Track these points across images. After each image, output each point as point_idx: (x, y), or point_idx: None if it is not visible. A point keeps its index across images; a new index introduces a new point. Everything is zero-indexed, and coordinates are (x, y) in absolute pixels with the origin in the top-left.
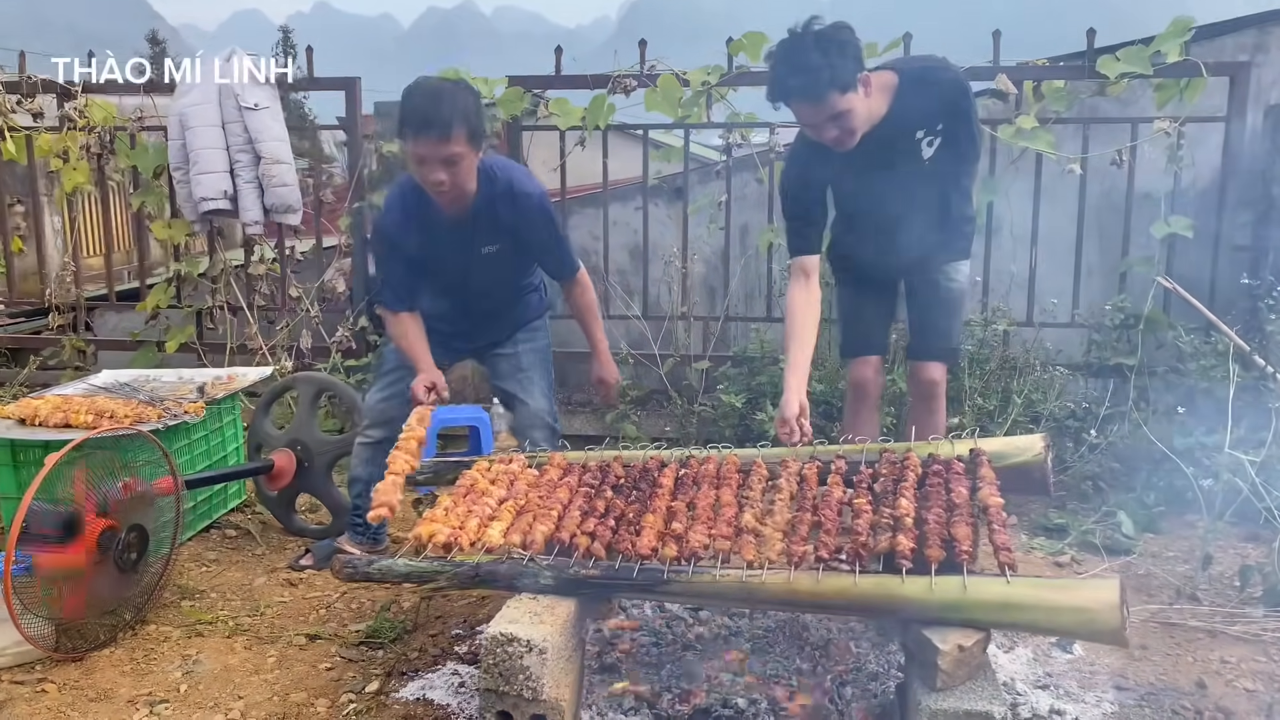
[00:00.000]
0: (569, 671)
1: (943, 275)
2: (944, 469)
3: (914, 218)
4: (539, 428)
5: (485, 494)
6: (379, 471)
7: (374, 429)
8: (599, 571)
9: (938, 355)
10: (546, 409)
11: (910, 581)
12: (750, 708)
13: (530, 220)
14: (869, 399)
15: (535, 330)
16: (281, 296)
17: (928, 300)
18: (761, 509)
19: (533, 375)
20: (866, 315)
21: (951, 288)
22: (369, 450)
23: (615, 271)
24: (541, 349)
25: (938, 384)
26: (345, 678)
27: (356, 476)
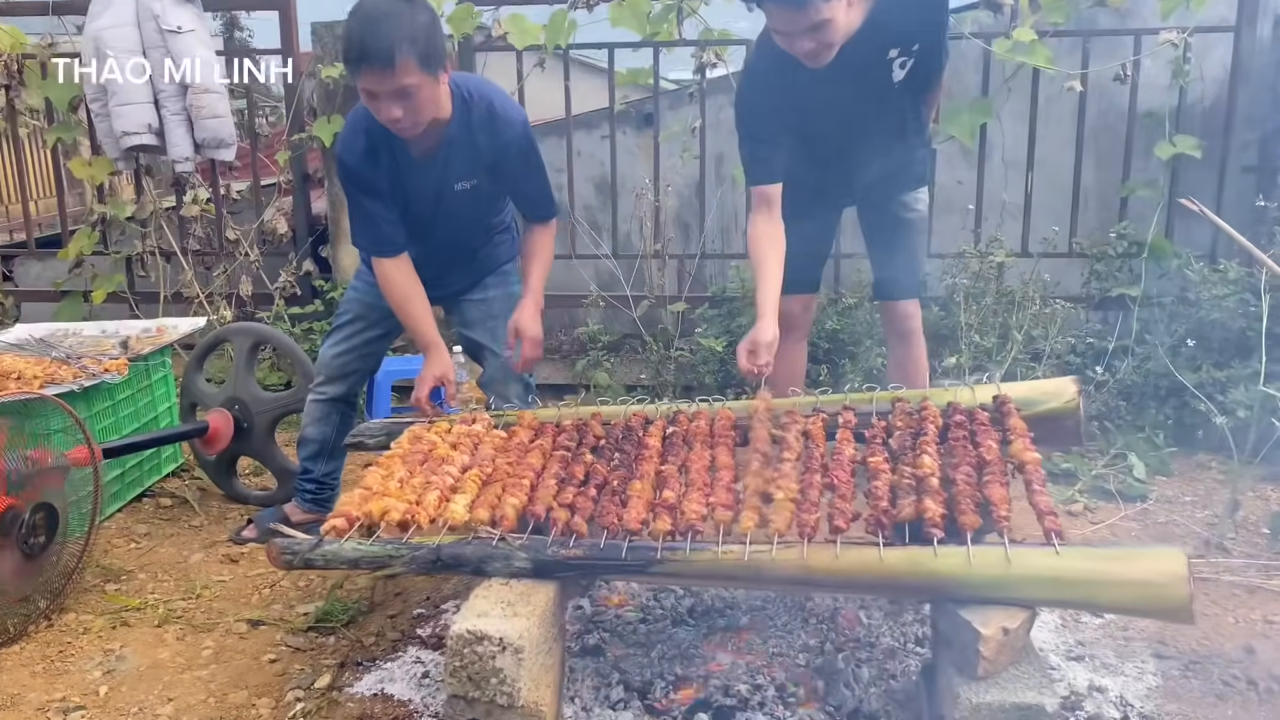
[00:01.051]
0: (549, 669)
1: (901, 206)
2: (967, 419)
3: (874, 143)
4: (513, 382)
5: (446, 461)
6: (332, 432)
7: (329, 385)
8: (581, 551)
9: (907, 291)
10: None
11: (944, 554)
12: (755, 695)
13: (512, 151)
14: (794, 333)
15: (507, 275)
16: (218, 240)
17: (888, 235)
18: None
19: (505, 323)
20: (804, 249)
21: (911, 219)
22: (322, 408)
23: (581, 208)
24: (514, 295)
25: (912, 320)
26: (292, 671)
27: (307, 437)
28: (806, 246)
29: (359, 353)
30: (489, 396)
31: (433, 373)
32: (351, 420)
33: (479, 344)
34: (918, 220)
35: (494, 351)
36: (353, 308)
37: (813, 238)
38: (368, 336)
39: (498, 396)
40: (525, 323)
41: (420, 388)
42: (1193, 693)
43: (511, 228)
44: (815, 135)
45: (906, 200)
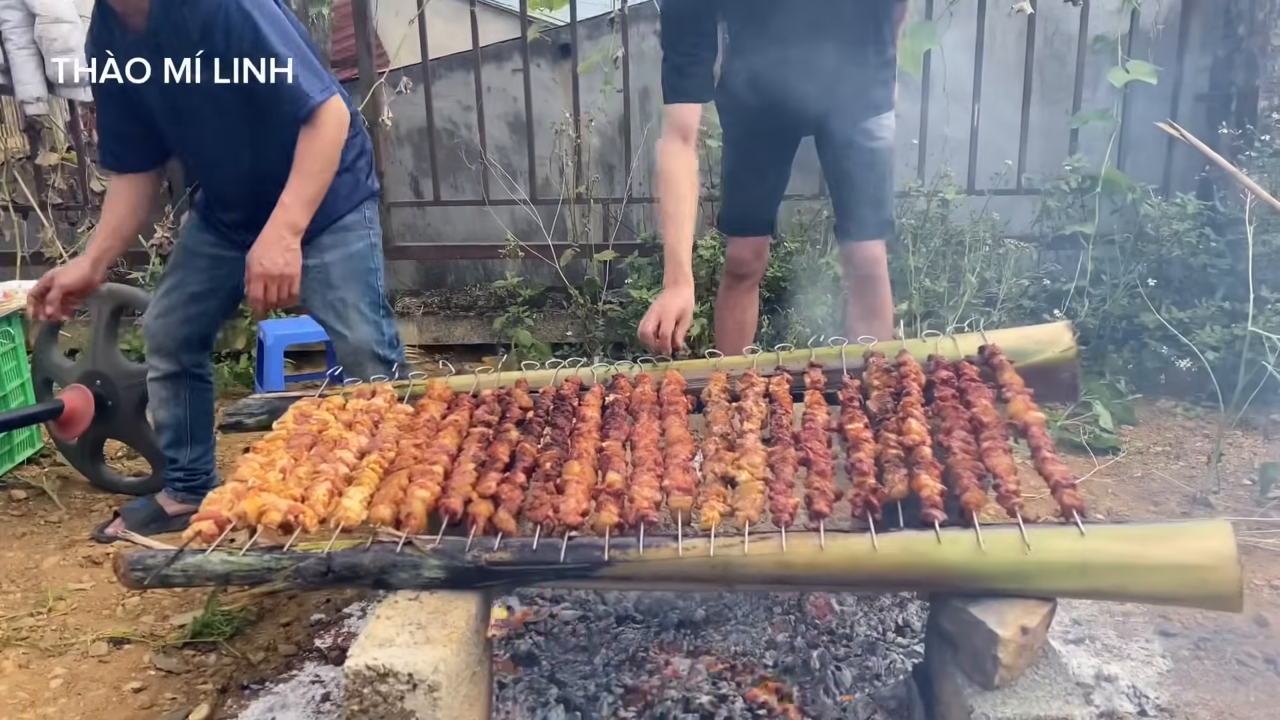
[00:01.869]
0: (474, 702)
1: (863, 134)
2: (954, 375)
3: (831, 56)
4: (367, 362)
5: (339, 444)
6: (185, 412)
7: (157, 358)
8: (509, 554)
9: (873, 231)
10: (373, 337)
11: (950, 541)
12: (720, 707)
13: (216, 29)
14: (745, 281)
15: (347, 230)
16: (82, 192)
17: (851, 167)
18: (723, 444)
19: (346, 295)
20: (756, 184)
21: (876, 148)
22: (163, 387)
23: (494, 149)
24: (358, 255)
25: (878, 263)
26: (161, 702)
27: (159, 423)
28: (758, 182)
29: (182, 314)
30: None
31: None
32: (207, 394)
33: (324, 323)
34: (883, 150)
35: (339, 333)
36: (175, 256)
37: (765, 172)
38: (190, 292)
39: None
40: (255, 252)
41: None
42: (1208, 676)
43: (354, 166)
44: (758, 46)
45: (869, 127)
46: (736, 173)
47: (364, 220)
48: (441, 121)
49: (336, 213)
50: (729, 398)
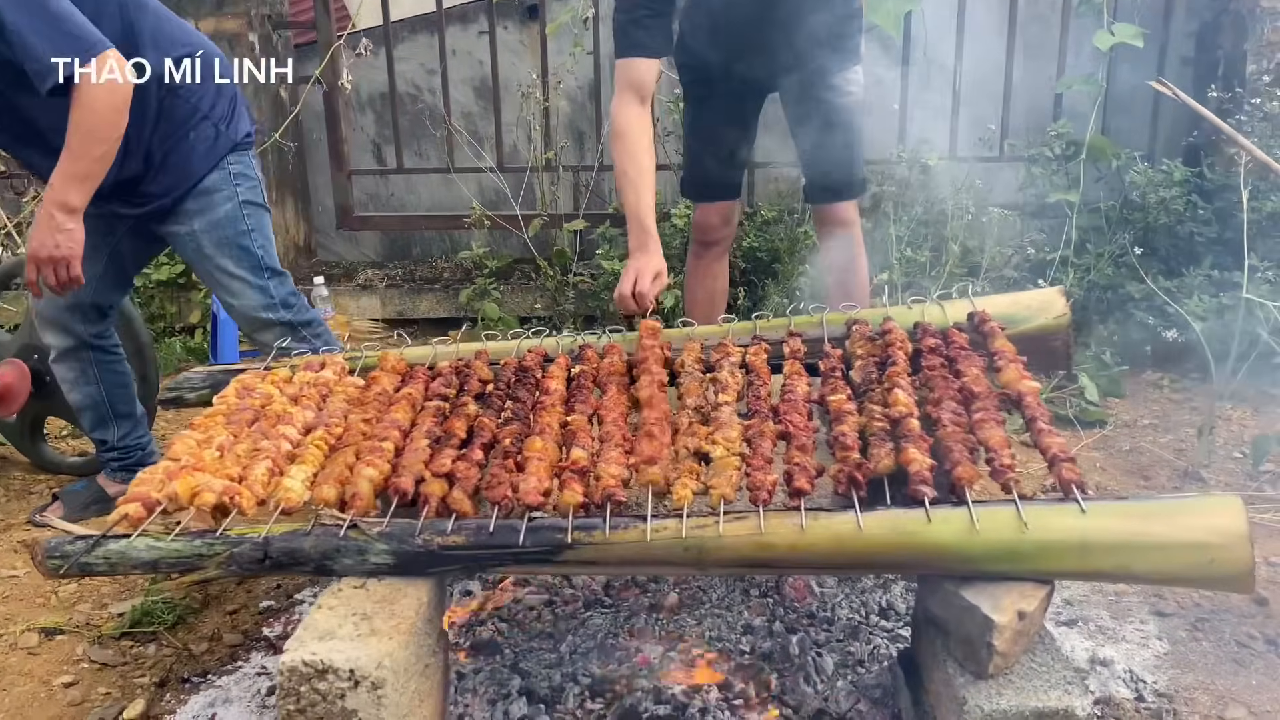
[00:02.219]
0: (425, 698)
1: (831, 90)
2: (942, 342)
3: (794, 6)
4: (262, 328)
5: (283, 420)
6: (98, 390)
7: (49, 335)
8: (463, 537)
9: (844, 191)
10: (260, 302)
11: (941, 519)
12: (693, 698)
13: None
14: (714, 248)
15: (211, 193)
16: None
17: (819, 125)
18: (697, 417)
19: (223, 263)
20: (721, 147)
21: (845, 104)
22: (66, 367)
23: (459, 115)
24: (227, 219)
25: (851, 225)
26: (93, 697)
27: (75, 405)
28: (723, 144)
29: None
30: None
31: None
32: (118, 365)
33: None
34: (851, 105)
35: (227, 303)
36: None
37: (730, 133)
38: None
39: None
40: (31, 235)
41: None
42: (1207, 658)
43: (211, 115)
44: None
45: (837, 82)
46: (699, 134)
47: (229, 178)
48: (404, 86)
49: (195, 175)
50: (703, 369)
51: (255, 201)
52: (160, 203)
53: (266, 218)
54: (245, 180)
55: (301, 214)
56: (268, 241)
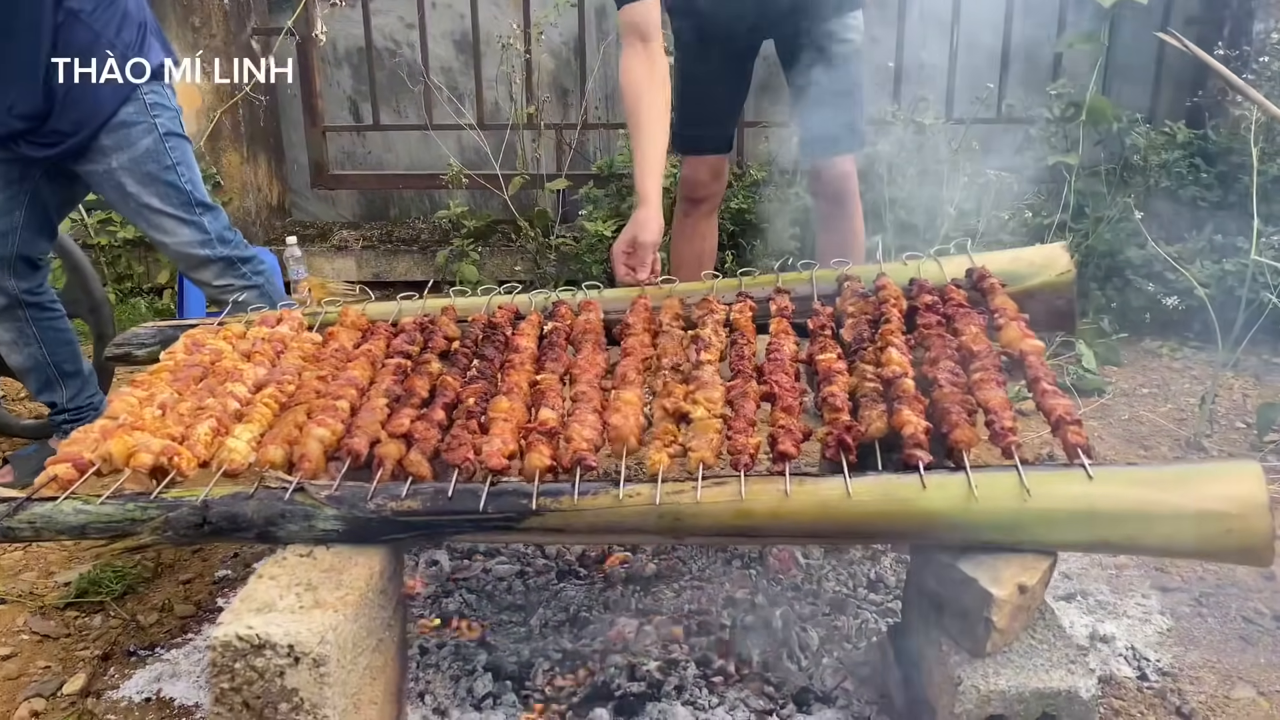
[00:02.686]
0: (377, 675)
1: (828, 36)
2: (939, 299)
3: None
4: (198, 266)
5: (232, 377)
6: (39, 349)
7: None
8: (418, 502)
9: (842, 145)
10: (195, 238)
11: (936, 486)
12: (669, 675)
13: None
14: (703, 205)
15: (128, 126)
16: None
17: (815, 73)
18: (676, 377)
19: (149, 200)
20: (711, 98)
21: (843, 51)
22: (4, 329)
23: (439, 70)
24: (149, 153)
25: (847, 179)
26: (32, 670)
27: (17, 369)
28: (714, 95)
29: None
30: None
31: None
32: (58, 322)
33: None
34: (850, 53)
35: (160, 241)
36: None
37: (721, 84)
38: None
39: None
40: None
41: None
42: (1212, 635)
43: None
44: None
45: (834, 28)
46: (690, 84)
47: (144, 109)
48: (382, 40)
49: (107, 109)
50: (684, 326)
51: (177, 132)
52: (72, 141)
53: (189, 148)
54: (163, 111)
55: (275, 172)
56: (195, 174)
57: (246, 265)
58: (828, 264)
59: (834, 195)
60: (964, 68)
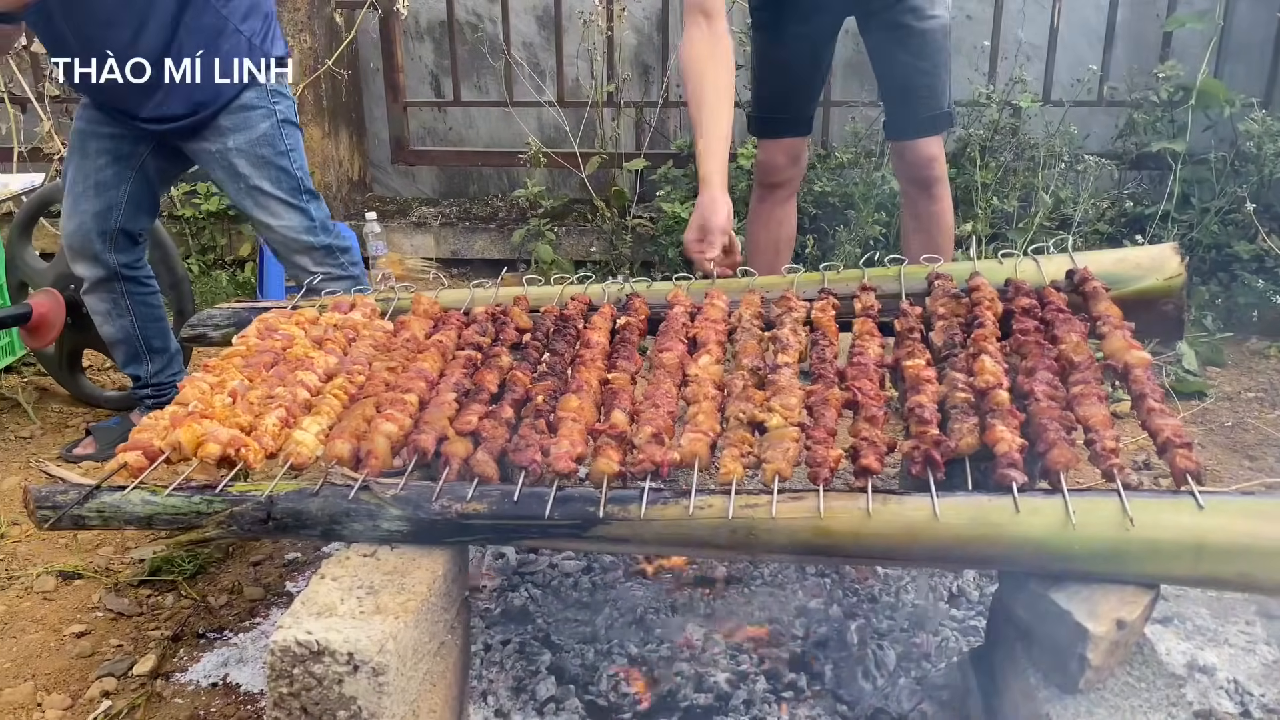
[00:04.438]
0: (437, 682)
1: (913, 13)
2: (1037, 303)
3: None
4: (300, 251)
5: (303, 365)
6: (133, 323)
7: (81, 266)
8: (484, 505)
9: (928, 125)
10: (300, 224)
11: (1031, 510)
12: (738, 688)
13: None
14: (780, 191)
15: (249, 111)
16: None
17: (900, 52)
18: (752, 380)
19: (260, 184)
20: (791, 77)
21: (929, 28)
22: (100, 299)
23: (520, 45)
24: (265, 138)
25: (935, 163)
26: (104, 649)
27: (109, 339)
28: (794, 74)
29: (91, 208)
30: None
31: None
32: (152, 297)
33: (246, 213)
34: (937, 31)
35: (262, 223)
36: (70, 148)
37: (801, 62)
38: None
39: (296, 271)
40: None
41: None
42: None
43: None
44: None
45: (920, 4)
46: (767, 64)
47: (266, 95)
48: (464, 14)
49: (229, 91)
50: (762, 325)
51: (291, 120)
52: (192, 119)
53: (301, 136)
54: (282, 99)
55: (356, 146)
56: (304, 162)
57: (344, 255)
58: (912, 250)
59: (919, 179)
60: (1064, 47)
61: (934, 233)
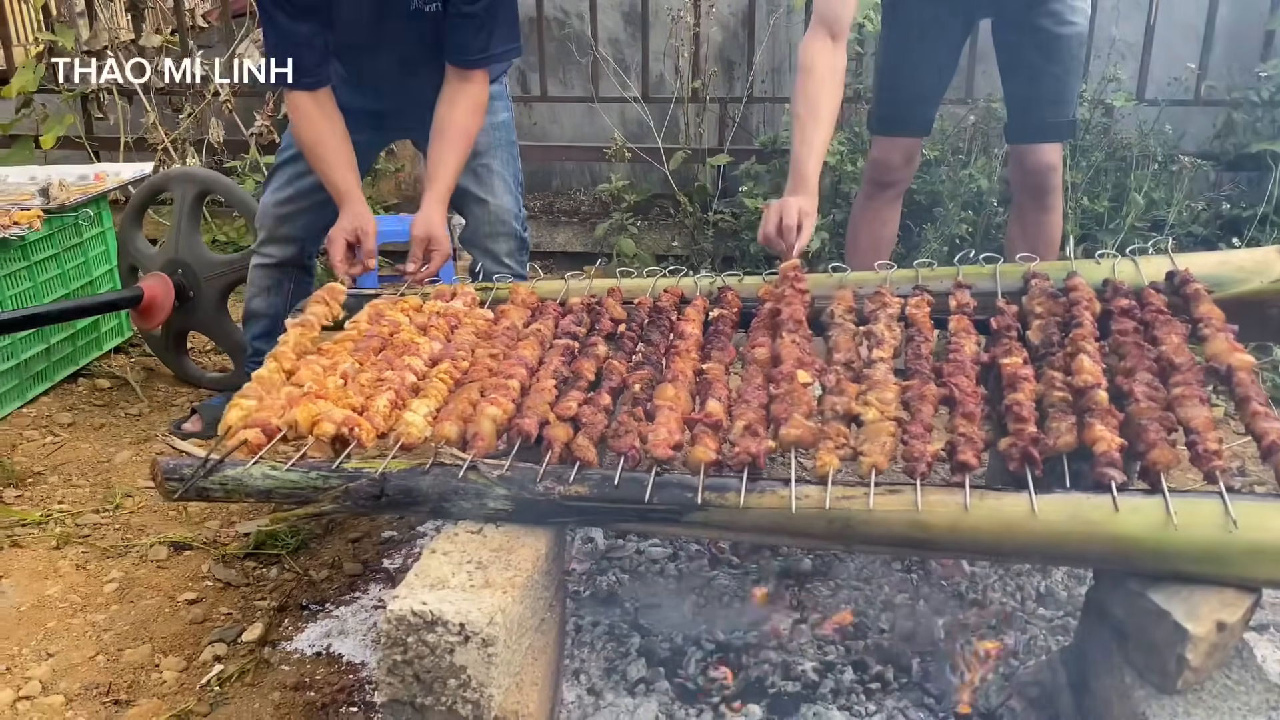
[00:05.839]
0: (538, 656)
1: (1051, 17)
2: (1136, 304)
3: None
4: (503, 236)
5: (409, 350)
6: (284, 304)
7: (272, 245)
8: (586, 488)
9: (1051, 132)
10: (512, 208)
11: (1131, 509)
12: (825, 677)
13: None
14: (890, 190)
15: (495, 101)
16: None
17: (1033, 55)
18: (847, 374)
19: (491, 163)
20: (919, 77)
21: (1065, 34)
22: (268, 274)
23: (606, 41)
24: (503, 125)
25: (1052, 171)
26: (215, 616)
27: (253, 311)
28: (922, 74)
29: (308, 200)
30: (472, 256)
31: (342, 228)
32: (308, 288)
33: (462, 189)
34: (1072, 37)
35: (480, 198)
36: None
37: (931, 62)
38: (316, 180)
39: (483, 255)
40: (438, 231)
41: (332, 248)
42: None
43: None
44: None
45: (1059, 8)
46: (896, 60)
47: (504, 93)
48: (552, 10)
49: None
50: (855, 320)
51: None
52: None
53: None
54: (509, 101)
55: None
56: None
57: (525, 254)
58: (1015, 255)
59: (1035, 187)
60: (1160, 45)
61: (1038, 244)
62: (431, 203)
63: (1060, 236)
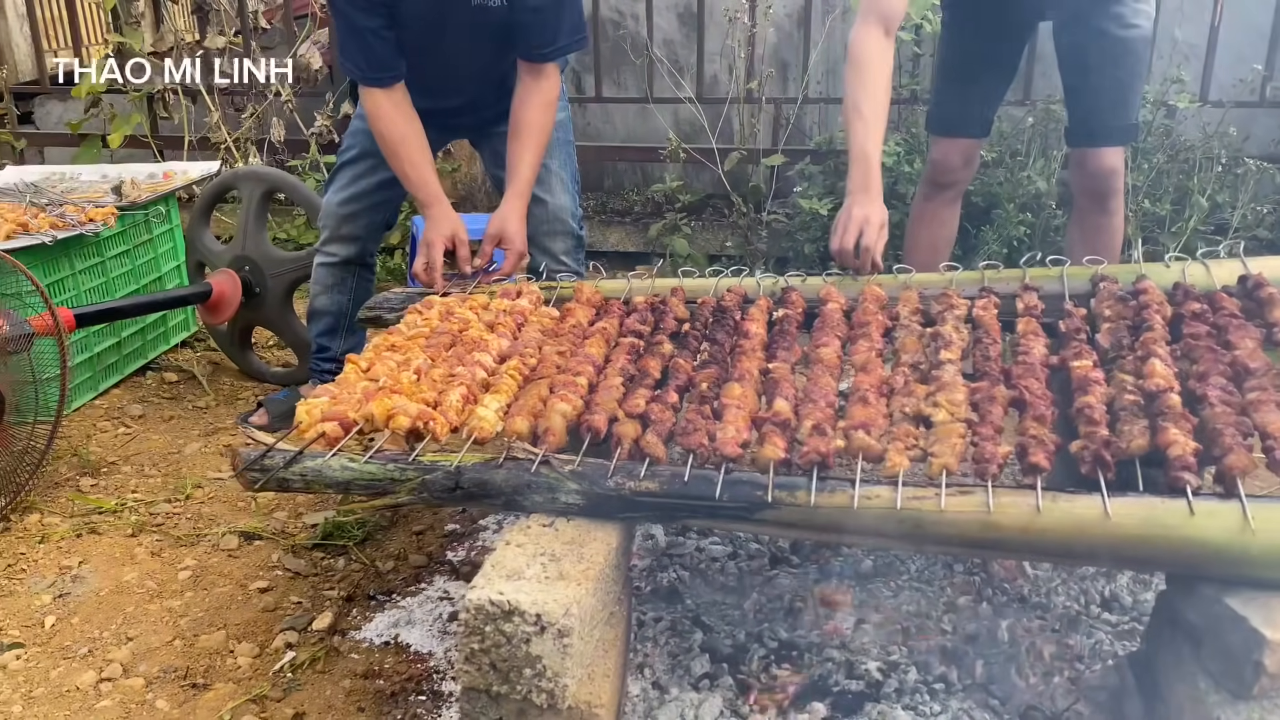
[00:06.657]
0: (608, 648)
1: (1115, 20)
2: (1208, 308)
3: None
4: (560, 234)
5: (478, 347)
6: (348, 301)
7: (336, 243)
8: (656, 484)
9: (1114, 136)
10: (570, 207)
11: (1206, 513)
12: (889, 677)
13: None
14: (948, 191)
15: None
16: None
17: (1095, 58)
18: (915, 376)
19: (549, 162)
20: (981, 77)
21: (1129, 37)
22: (332, 273)
23: (661, 42)
24: (561, 124)
25: (1114, 175)
26: (286, 604)
27: (318, 309)
28: (983, 75)
29: (369, 200)
30: (539, 258)
31: (440, 233)
32: (370, 286)
33: None
34: (1137, 40)
35: (538, 197)
36: (359, 141)
37: (992, 63)
38: (379, 179)
39: (541, 254)
40: (514, 229)
41: (428, 253)
42: None
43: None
44: None
45: (1123, 11)
46: (956, 61)
47: (563, 92)
48: (607, 11)
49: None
50: (922, 321)
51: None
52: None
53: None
54: (567, 102)
55: None
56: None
57: (581, 252)
58: (1077, 258)
59: (1096, 191)
60: (1224, 46)
61: (1099, 247)
62: (511, 200)
63: (1121, 240)
